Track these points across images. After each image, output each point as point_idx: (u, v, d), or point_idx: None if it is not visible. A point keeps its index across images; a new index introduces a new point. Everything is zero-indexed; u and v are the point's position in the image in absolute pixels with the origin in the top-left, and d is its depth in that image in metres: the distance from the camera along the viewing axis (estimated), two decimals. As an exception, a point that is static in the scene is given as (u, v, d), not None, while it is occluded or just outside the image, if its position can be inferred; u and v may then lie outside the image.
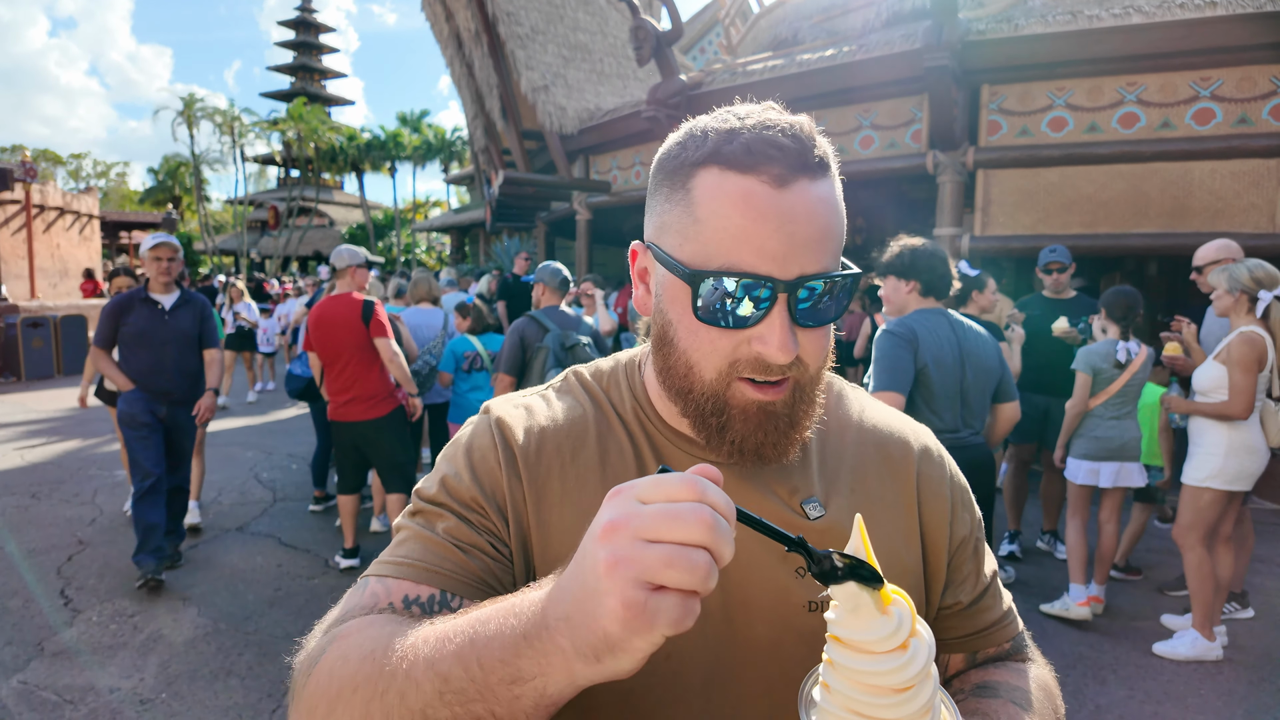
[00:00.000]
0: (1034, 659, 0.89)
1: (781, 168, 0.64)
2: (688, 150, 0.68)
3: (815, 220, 0.64)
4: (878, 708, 0.52)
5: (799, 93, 7.22)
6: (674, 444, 0.77)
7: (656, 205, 0.71)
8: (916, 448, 0.85)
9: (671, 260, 0.67)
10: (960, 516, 0.84)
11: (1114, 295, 3.86)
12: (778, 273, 0.63)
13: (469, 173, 26.61)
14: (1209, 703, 3.08)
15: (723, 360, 0.67)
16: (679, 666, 0.71)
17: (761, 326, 0.65)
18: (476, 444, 0.77)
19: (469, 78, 11.98)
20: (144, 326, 4.25)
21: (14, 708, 2.96)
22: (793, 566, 0.74)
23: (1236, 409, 3.28)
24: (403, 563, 0.70)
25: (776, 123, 0.66)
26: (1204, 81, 5.59)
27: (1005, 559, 4.57)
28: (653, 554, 0.46)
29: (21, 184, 15.54)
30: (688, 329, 0.68)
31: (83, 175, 51.71)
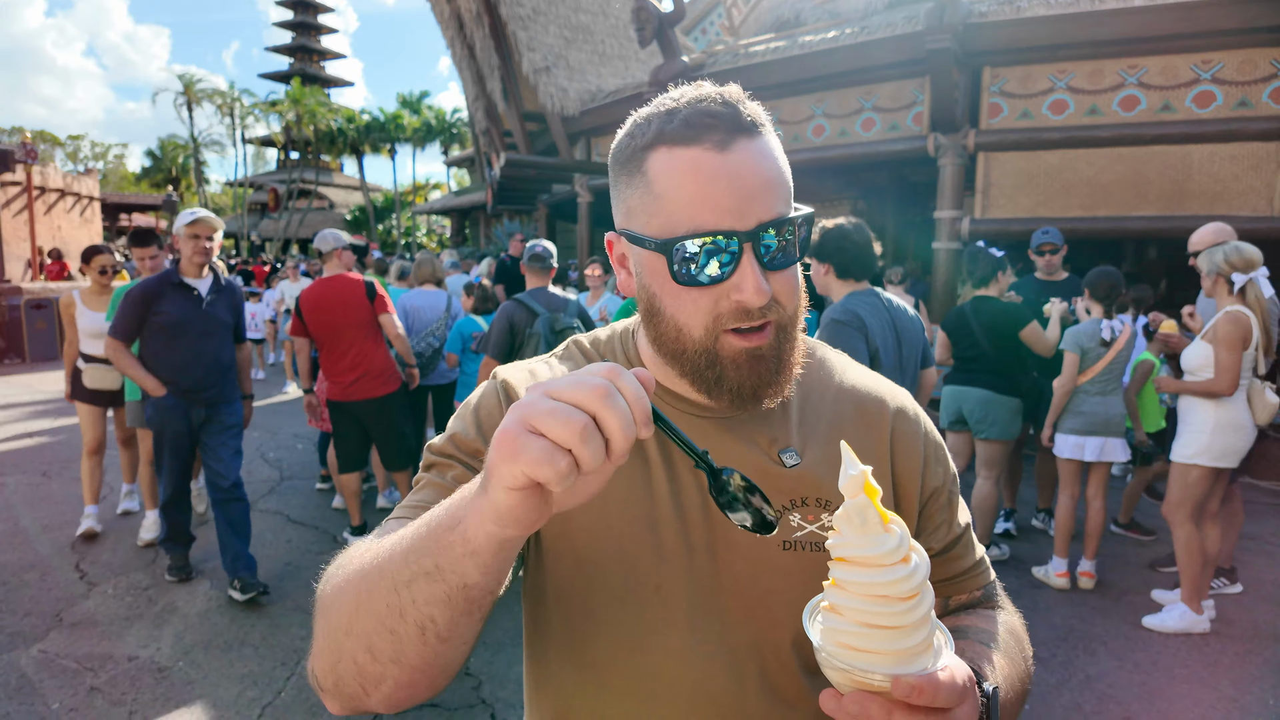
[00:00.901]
0: (1004, 607, 0.94)
1: (720, 133, 0.71)
2: (635, 139, 0.75)
3: (760, 172, 0.72)
4: (887, 615, 0.57)
5: (801, 74, 7.23)
6: (671, 405, 0.84)
7: (620, 194, 0.79)
8: (893, 406, 0.91)
9: (642, 238, 0.74)
10: (933, 469, 0.90)
11: (1096, 275, 3.96)
12: (738, 225, 0.70)
13: (469, 155, 26.53)
14: (1195, 673, 3.17)
15: (707, 316, 0.74)
16: (667, 597, 0.79)
17: (735, 277, 0.72)
18: (484, 403, 0.84)
19: (470, 59, 11.95)
20: (179, 316, 3.67)
21: (35, 675, 3.05)
22: (777, 504, 0.80)
23: (1221, 385, 3.36)
24: (419, 506, 0.77)
25: (708, 95, 0.73)
26: (1205, 64, 5.60)
27: (1000, 536, 4.65)
28: (542, 405, 0.51)
29: (22, 165, 15.51)
30: (670, 295, 0.75)
31: (81, 157, 51.51)
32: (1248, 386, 3.43)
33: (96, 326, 4.48)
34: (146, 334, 3.71)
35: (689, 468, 0.81)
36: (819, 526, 0.81)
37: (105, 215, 28.73)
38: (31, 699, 2.89)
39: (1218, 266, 3.42)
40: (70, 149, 50.58)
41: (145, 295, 3.65)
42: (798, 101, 7.51)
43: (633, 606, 0.79)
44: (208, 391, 3.77)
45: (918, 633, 0.58)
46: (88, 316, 4.53)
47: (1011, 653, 0.83)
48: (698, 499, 0.80)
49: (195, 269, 3.76)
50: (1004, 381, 4.16)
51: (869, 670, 0.57)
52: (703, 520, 0.80)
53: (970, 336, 4.21)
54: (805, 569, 0.80)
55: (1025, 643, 0.89)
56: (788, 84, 7.39)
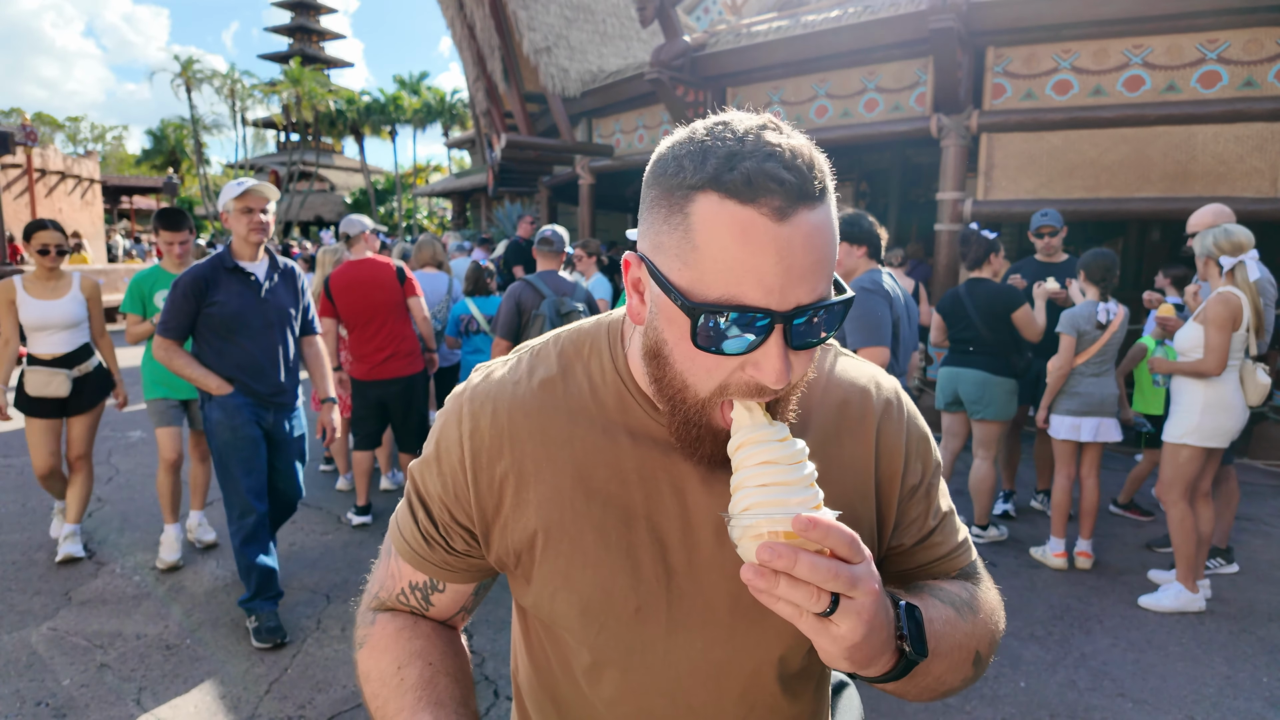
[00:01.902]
0: (984, 582, 0.93)
1: (782, 200, 0.63)
2: (685, 171, 0.66)
3: (812, 250, 0.64)
4: (775, 473, 0.66)
5: (803, 54, 7.17)
6: (650, 415, 0.80)
7: (653, 222, 0.69)
8: (877, 404, 0.87)
9: (669, 285, 0.67)
10: (912, 467, 0.87)
11: (1092, 258, 3.97)
12: (775, 304, 0.64)
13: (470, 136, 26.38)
14: (1190, 651, 3.21)
15: (716, 382, 0.70)
16: (646, 618, 0.81)
17: (757, 354, 0.67)
18: (446, 437, 0.84)
19: (470, 39, 11.86)
20: (236, 307, 3.14)
21: (45, 653, 3.10)
22: None
23: (1209, 365, 3.40)
24: (404, 544, 0.89)
25: (778, 149, 0.64)
26: (1211, 44, 5.56)
27: (999, 518, 4.69)
28: None
29: (22, 148, 15.46)
30: (685, 354, 0.70)
31: (80, 139, 51.30)
32: (1239, 367, 3.45)
33: (44, 318, 3.81)
34: (200, 331, 3.17)
35: (670, 488, 0.80)
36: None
37: (106, 197, 28.65)
38: (42, 675, 2.94)
39: (1207, 249, 3.46)
40: (70, 131, 50.36)
41: (196, 284, 3.09)
42: (800, 81, 7.46)
43: (612, 628, 0.81)
44: (278, 395, 3.26)
45: (806, 490, 0.66)
46: (32, 306, 3.80)
47: (960, 607, 0.84)
48: (676, 520, 0.79)
49: (251, 250, 3.20)
50: (999, 362, 4.18)
51: (770, 517, 0.64)
52: (682, 542, 0.80)
53: (965, 318, 4.23)
54: None
55: (993, 610, 0.89)
56: (790, 64, 7.34)
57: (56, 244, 3.86)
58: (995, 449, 4.29)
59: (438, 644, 0.88)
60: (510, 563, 0.83)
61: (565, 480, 0.79)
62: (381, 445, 5.03)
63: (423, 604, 0.91)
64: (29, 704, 2.76)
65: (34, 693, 2.83)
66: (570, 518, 0.79)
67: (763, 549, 0.61)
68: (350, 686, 2.89)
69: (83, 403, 4.02)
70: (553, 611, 0.83)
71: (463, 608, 0.94)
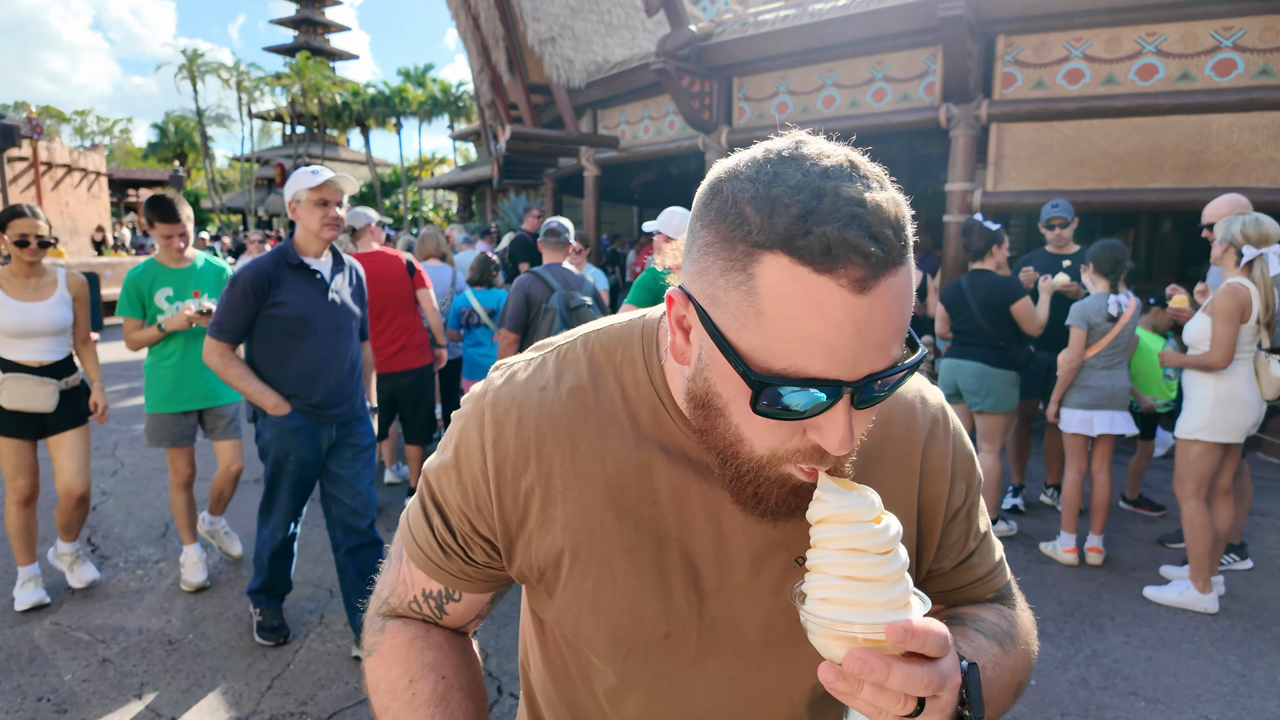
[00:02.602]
0: (1019, 606, 0.90)
1: (864, 270, 0.55)
2: (750, 226, 0.57)
3: (891, 319, 0.57)
4: (866, 568, 0.60)
5: (811, 44, 7.09)
6: (684, 432, 0.74)
7: (707, 269, 0.61)
8: (924, 423, 0.81)
9: (729, 348, 0.60)
10: (956, 489, 0.83)
11: (1100, 249, 3.91)
12: (846, 376, 0.58)
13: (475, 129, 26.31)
14: (1203, 649, 3.16)
15: (779, 445, 0.64)
16: (676, 644, 0.78)
17: (821, 419, 0.61)
18: (467, 443, 0.77)
19: (475, 30, 11.79)
20: (302, 308, 2.80)
21: (47, 647, 3.09)
22: (794, 555, 0.76)
23: (1214, 358, 3.34)
24: (417, 550, 0.84)
25: (863, 206, 0.55)
26: (1226, 31, 5.46)
27: (1008, 512, 4.64)
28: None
29: (29, 141, 15.49)
30: (740, 411, 0.63)
31: (87, 132, 51.41)
32: (1253, 360, 3.38)
33: (25, 323, 3.24)
34: (258, 335, 2.83)
35: (704, 510, 0.74)
36: None
37: (112, 190, 28.73)
38: (44, 670, 2.93)
39: (1232, 236, 3.36)
40: (77, 124, 50.49)
41: (259, 282, 2.74)
42: (807, 71, 7.38)
43: (640, 654, 0.78)
44: (341, 406, 2.95)
45: (896, 587, 0.60)
46: (11, 309, 3.22)
47: (1004, 643, 0.80)
48: (710, 544, 0.75)
49: (321, 245, 2.89)
50: (999, 354, 4.13)
51: (860, 622, 0.59)
52: (715, 566, 0.76)
53: (966, 309, 4.18)
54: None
55: (1029, 637, 0.86)
56: (797, 53, 7.25)
57: (37, 234, 3.22)
58: (1000, 442, 4.24)
59: (451, 656, 0.84)
60: (533, 578, 0.80)
61: (595, 498, 0.74)
62: (387, 438, 5.02)
63: (436, 613, 0.87)
64: (30, 699, 2.74)
65: (35, 687, 2.81)
66: (600, 539, 0.75)
67: (851, 659, 0.57)
68: (353, 683, 2.87)
69: (66, 419, 3.40)
70: (577, 632, 0.80)
71: (477, 615, 0.89)
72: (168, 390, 3.54)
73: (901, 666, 0.57)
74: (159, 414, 3.55)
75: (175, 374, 3.55)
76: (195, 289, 3.56)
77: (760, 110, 7.75)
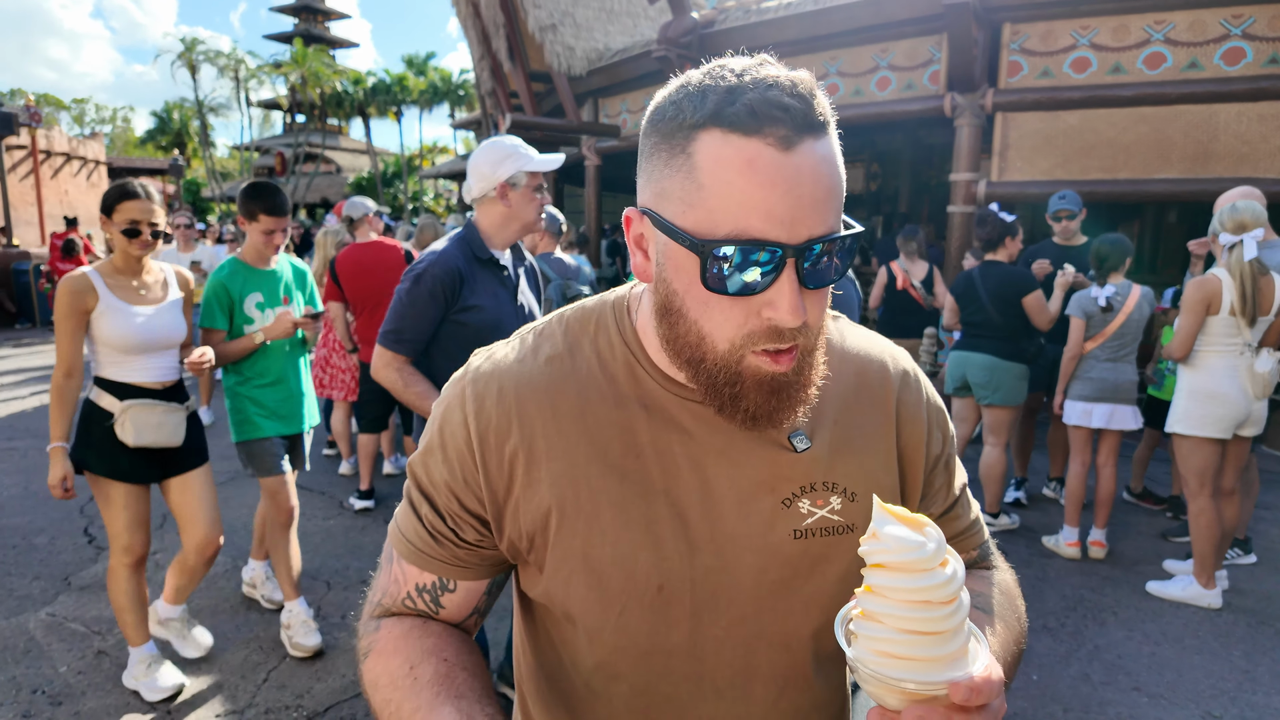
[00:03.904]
0: (997, 565, 0.95)
1: (787, 129, 0.62)
2: (685, 111, 0.65)
3: (820, 181, 0.63)
4: (929, 621, 0.56)
5: (814, 31, 7.02)
6: (662, 386, 0.78)
7: (654, 170, 0.68)
8: (895, 375, 0.87)
9: (675, 229, 0.65)
10: (934, 436, 0.88)
11: (1096, 242, 3.90)
12: (785, 238, 0.62)
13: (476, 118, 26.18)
14: (1206, 644, 3.14)
15: (736, 331, 0.67)
16: (670, 596, 0.76)
17: (771, 292, 0.64)
18: (449, 421, 0.79)
19: (475, 17, 11.69)
20: (494, 313, 2.29)
21: (43, 639, 3.07)
22: (780, 499, 0.77)
23: (1172, 348, 3.39)
24: (407, 544, 0.82)
25: (778, 80, 0.63)
26: (1235, 19, 5.39)
27: (1011, 505, 4.61)
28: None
29: (27, 129, 15.42)
30: (697, 300, 0.67)
31: (86, 120, 51.26)
32: (1234, 354, 3.33)
33: (139, 332, 2.56)
34: (441, 344, 2.28)
35: (688, 462, 0.76)
36: (829, 511, 0.79)
37: (111, 179, 28.63)
38: (39, 661, 2.91)
39: (1212, 227, 3.38)
40: (75, 112, 50.32)
41: (450, 280, 2.20)
42: (811, 59, 7.30)
43: (635, 610, 0.76)
44: None
45: (959, 636, 0.57)
46: (123, 317, 2.55)
47: (1006, 616, 0.84)
48: (697, 494, 0.76)
49: (516, 238, 2.38)
50: (1010, 347, 4.09)
51: (919, 680, 0.56)
52: (704, 516, 0.76)
53: (977, 301, 4.14)
54: (815, 555, 0.78)
55: (1018, 598, 0.90)
56: (801, 41, 7.18)
57: (151, 221, 2.56)
58: (1006, 435, 4.21)
59: (451, 641, 0.81)
60: (523, 547, 0.78)
61: (579, 455, 0.75)
62: (387, 429, 5.00)
63: (432, 606, 0.84)
64: (25, 690, 2.73)
65: (31, 679, 2.79)
66: (586, 494, 0.75)
67: (911, 715, 0.57)
68: (349, 676, 2.85)
69: (191, 454, 2.75)
70: (568, 597, 0.77)
71: (475, 609, 0.86)
72: (270, 410, 2.98)
73: (962, 718, 0.57)
74: (255, 440, 2.97)
75: (279, 392, 3.01)
76: (285, 294, 3.06)
77: (763, 99, 7.69)
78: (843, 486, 0.79)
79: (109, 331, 2.53)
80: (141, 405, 2.57)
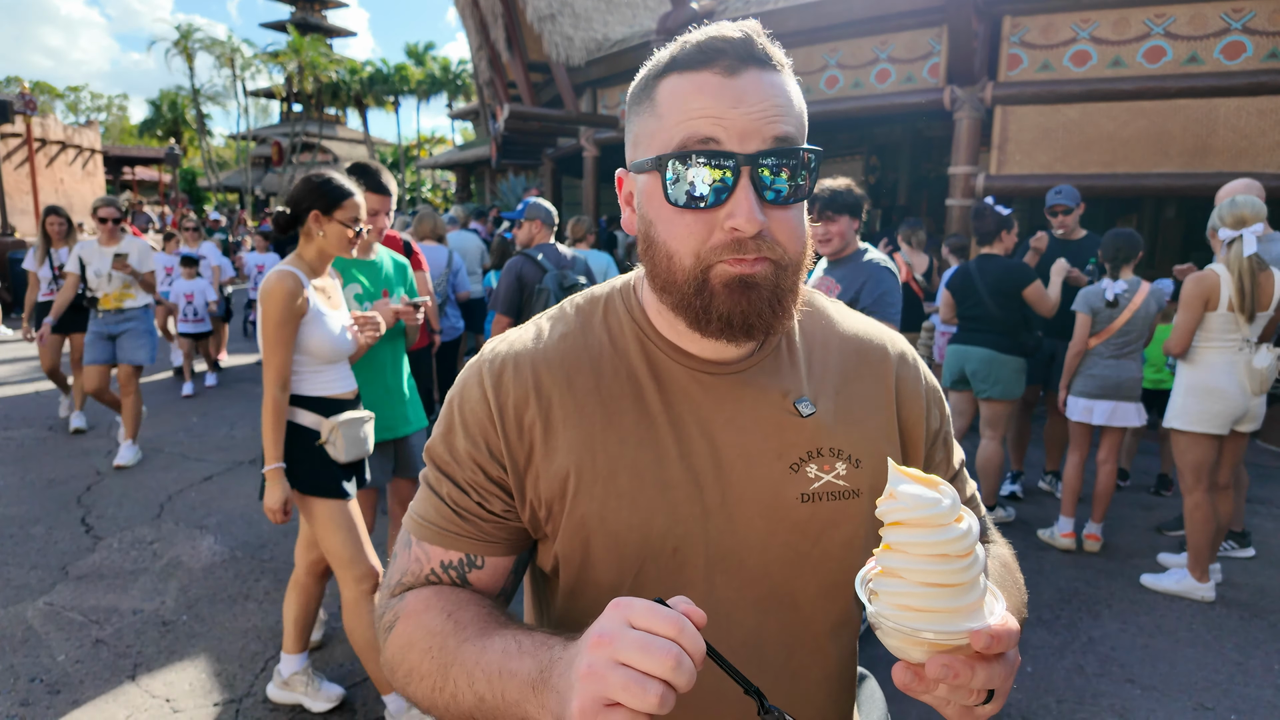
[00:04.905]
0: (994, 540, 0.98)
1: (730, 59, 0.70)
2: (650, 72, 0.76)
3: (767, 99, 0.70)
4: (947, 574, 0.58)
5: (815, 22, 6.99)
6: (671, 358, 0.82)
7: (630, 128, 0.78)
8: (894, 354, 0.91)
9: (641, 161, 0.74)
10: (933, 413, 0.93)
11: (1108, 236, 3.89)
12: (737, 147, 0.69)
13: (474, 108, 26.06)
14: (1200, 637, 3.16)
15: (698, 243, 0.72)
16: (684, 559, 0.78)
17: (729, 203, 0.70)
18: (469, 399, 0.82)
19: (473, 6, 11.64)
20: None
21: (41, 628, 3.08)
22: (788, 464, 0.80)
23: (1170, 344, 3.40)
24: (429, 526, 0.82)
25: (724, 27, 0.72)
26: (1236, 13, 5.38)
27: (1007, 498, 4.63)
28: (616, 677, 0.55)
29: (22, 117, 15.31)
30: (664, 220, 0.73)
31: (81, 108, 50.92)
32: (1233, 350, 3.34)
33: (342, 344, 2.41)
34: None
35: (697, 427, 0.80)
36: (834, 476, 0.82)
37: (107, 168, 28.48)
38: (37, 650, 2.91)
39: (1211, 222, 3.38)
40: (70, 100, 49.98)
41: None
42: (811, 51, 7.28)
43: (650, 571, 0.79)
44: None
45: (976, 589, 0.59)
46: (328, 323, 2.37)
47: (1008, 587, 0.86)
48: (708, 460, 0.79)
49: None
50: (1007, 340, 4.09)
51: (939, 629, 0.58)
52: (716, 480, 0.79)
53: (974, 294, 4.14)
54: (823, 520, 0.81)
55: (1016, 571, 0.93)
56: (802, 32, 7.15)
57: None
58: (1003, 429, 4.22)
59: (487, 600, 0.80)
60: (542, 516, 0.80)
61: (594, 424, 0.79)
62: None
63: (459, 583, 0.83)
64: (23, 679, 2.73)
65: (28, 668, 2.80)
66: (603, 459, 0.78)
67: (936, 666, 0.59)
68: (347, 665, 2.86)
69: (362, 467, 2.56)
70: (586, 561, 0.79)
71: (502, 589, 0.85)
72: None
73: (984, 667, 0.59)
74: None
75: (376, 390, 2.77)
76: (384, 286, 2.87)
77: (762, 91, 7.67)
78: (848, 453, 0.82)
79: (316, 340, 2.31)
80: (349, 419, 2.38)
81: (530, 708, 0.63)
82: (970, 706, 0.63)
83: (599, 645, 0.56)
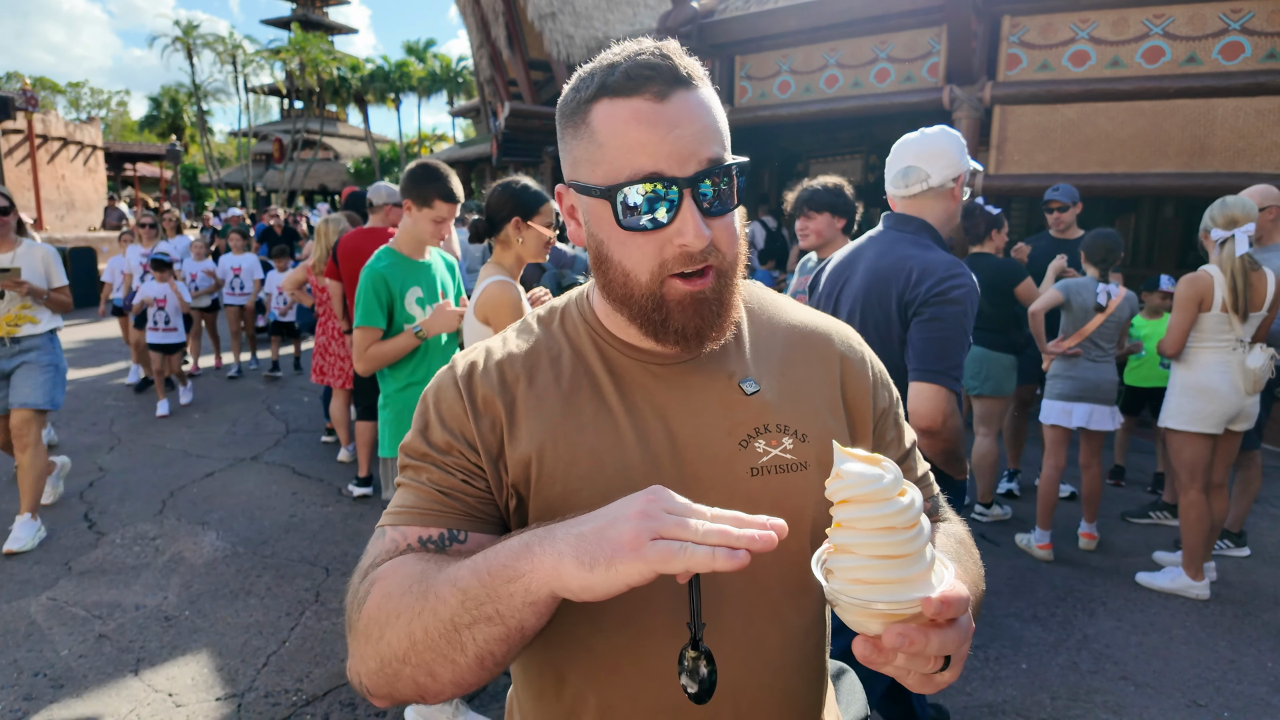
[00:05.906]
0: (949, 518, 1.02)
1: (659, 85, 0.75)
2: (580, 92, 0.80)
3: (697, 120, 0.76)
4: (894, 545, 0.61)
5: (814, 22, 7.00)
6: (623, 354, 0.88)
7: (566, 146, 0.83)
8: (839, 341, 0.97)
9: (589, 186, 0.79)
10: (880, 393, 0.98)
11: (1093, 238, 3.88)
12: (678, 172, 0.75)
13: (475, 105, 26.06)
14: (1194, 634, 3.18)
15: (652, 261, 0.78)
16: None
17: (676, 223, 0.76)
18: (443, 395, 0.87)
19: (474, 4, 11.64)
20: None
21: (44, 622, 3.11)
22: (736, 440, 0.85)
23: (1164, 344, 3.42)
24: (407, 511, 0.83)
25: (646, 49, 0.77)
26: (1235, 13, 5.38)
27: (1003, 496, 4.65)
28: (669, 520, 0.62)
29: (23, 113, 15.33)
30: (617, 241, 0.79)
31: (82, 105, 50.90)
32: (1227, 350, 3.35)
33: None
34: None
35: (654, 415, 0.85)
36: (782, 450, 0.86)
37: (109, 164, 28.46)
38: (40, 645, 2.94)
39: (1203, 223, 3.40)
40: (71, 96, 49.96)
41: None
42: (810, 50, 7.29)
43: None
44: None
45: (923, 560, 0.62)
46: None
47: (965, 561, 0.90)
48: (665, 442, 0.84)
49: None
50: (999, 338, 4.12)
51: (890, 599, 0.60)
52: (672, 461, 0.83)
53: None
54: (773, 493, 0.85)
55: (973, 548, 0.96)
56: (801, 32, 7.16)
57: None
58: (997, 425, 4.23)
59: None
60: (512, 505, 0.84)
61: (554, 414, 0.84)
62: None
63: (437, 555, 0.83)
64: (26, 674, 2.76)
65: (32, 663, 2.83)
66: (564, 445, 0.82)
67: (892, 635, 0.61)
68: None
69: None
70: None
71: None
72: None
73: (937, 634, 0.62)
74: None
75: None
76: (441, 289, 2.88)
77: (762, 89, 7.67)
78: (794, 428, 0.87)
79: None
80: None
81: (522, 563, 0.65)
82: (929, 674, 0.65)
83: (650, 501, 0.63)
